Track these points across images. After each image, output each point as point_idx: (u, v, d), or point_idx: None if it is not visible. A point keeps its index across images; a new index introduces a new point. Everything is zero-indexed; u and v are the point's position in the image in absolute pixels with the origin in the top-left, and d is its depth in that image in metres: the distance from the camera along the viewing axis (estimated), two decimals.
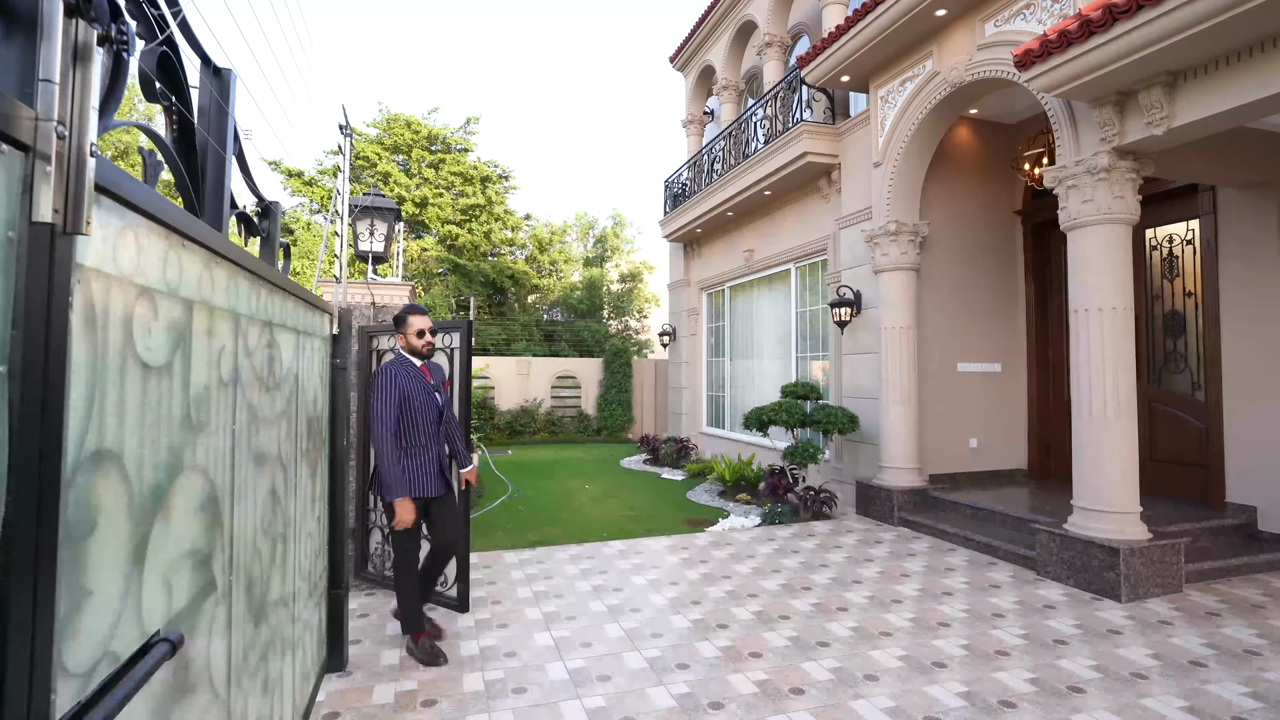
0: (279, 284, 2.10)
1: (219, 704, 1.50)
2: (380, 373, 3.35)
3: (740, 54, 11.06)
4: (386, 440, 3.25)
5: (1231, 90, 3.80)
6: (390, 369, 3.37)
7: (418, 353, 3.49)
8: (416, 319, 3.48)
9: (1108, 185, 4.51)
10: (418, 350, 3.49)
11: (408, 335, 3.47)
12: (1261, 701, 2.95)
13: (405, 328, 3.48)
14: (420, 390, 3.42)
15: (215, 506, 1.48)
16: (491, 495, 8.08)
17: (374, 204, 4.91)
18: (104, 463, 0.96)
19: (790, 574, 4.88)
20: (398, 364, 3.42)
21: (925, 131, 6.47)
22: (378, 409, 3.27)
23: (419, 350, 3.49)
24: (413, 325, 3.46)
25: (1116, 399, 4.49)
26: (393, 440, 3.28)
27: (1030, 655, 3.45)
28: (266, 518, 1.97)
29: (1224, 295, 5.47)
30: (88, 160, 0.82)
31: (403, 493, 3.26)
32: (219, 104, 1.47)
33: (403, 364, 3.43)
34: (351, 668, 3.30)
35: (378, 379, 3.33)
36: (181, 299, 1.27)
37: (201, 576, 1.38)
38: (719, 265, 11.13)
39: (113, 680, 0.95)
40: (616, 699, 3.00)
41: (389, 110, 19.89)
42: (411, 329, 3.46)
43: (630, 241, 24.04)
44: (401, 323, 3.49)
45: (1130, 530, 4.42)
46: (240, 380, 1.69)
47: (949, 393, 7.04)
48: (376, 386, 3.31)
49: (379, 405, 3.27)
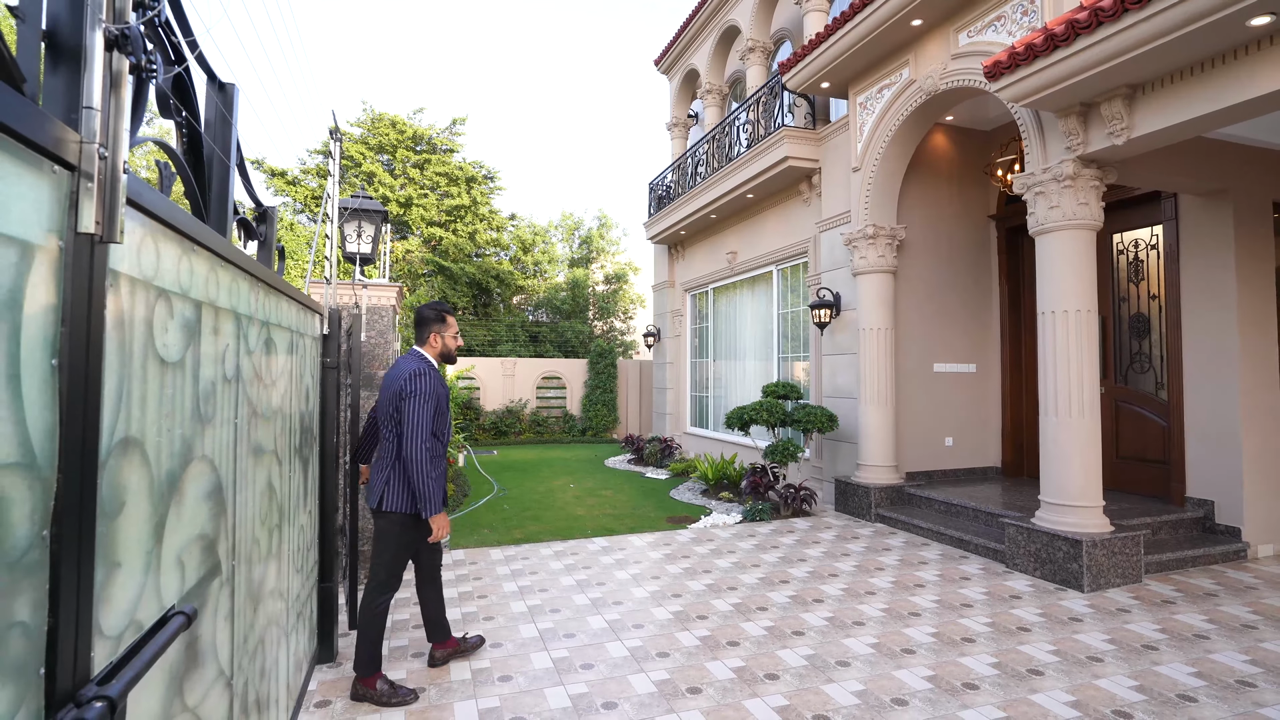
0: (275, 285, 2.19)
1: (223, 681, 1.59)
2: (421, 374, 2.99)
3: (724, 58, 11.22)
4: (422, 452, 2.92)
5: (1186, 103, 4.00)
6: (428, 376, 3.01)
7: (449, 357, 3.26)
8: (453, 320, 3.24)
9: (1073, 192, 4.70)
10: (450, 354, 3.25)
11: (444, 337, 3.20)
12: (1206, 680, 3.13)
13: (443, 328, 3.20)
14: (446, 397, 3.15)
15: (220, 495, 1.58)
16: (477, 494, 8.15)
17: (361, 206, 4.98)
18: (130, 449, 1.06)
19: (769, 568, 5.02)
20: (431, 370, 3.07)
21: (902, 137, 6.65)
22: (414, 419, 2.92)
23: (452, 354, 3.26)
24: (450, 327, 3.22)
25: (1081, 397, 4.68)
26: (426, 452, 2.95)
27: (994, 642, 3.61)
28: (264, 509, 2.06)
29: (1185, 298, 5.69)
30: (121, 177, 0.93)
31: (442, 506, 3.00)
32: (223, 115, 1.57)
33: (434, 370, 3.10)
34: (341, 659, 3.38)
35: (415, 384, 2.96)
36: (192, 300, 1.37)
37: (209, 559, 1.48)
38: (702, 267, 11.28)
39: (139, 645, 1.05)
40: (599, 685, 3.11)
41: (373, 110, 19.82)
42: (449, 330, 3.22)
43: (615, 243, 24.15)
44: (438, 322, 3.19)
45: (1093, 523, 4.61)
46: (241, 376, 1.79)
47: (925, 392, 7.23)
48: (414, 393, 2.95)
49: (416, 414, 2.93)
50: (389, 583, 3.04)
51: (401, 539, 3.04)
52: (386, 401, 3.05)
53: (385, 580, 3.03)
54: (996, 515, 5.63)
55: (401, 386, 2.97)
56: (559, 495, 8.16)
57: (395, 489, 3.00)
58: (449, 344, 3.23)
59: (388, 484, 3.02)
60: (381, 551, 3.04)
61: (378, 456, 3.14)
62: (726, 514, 6.88)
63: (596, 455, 12.22)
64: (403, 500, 3.00)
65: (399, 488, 3.00)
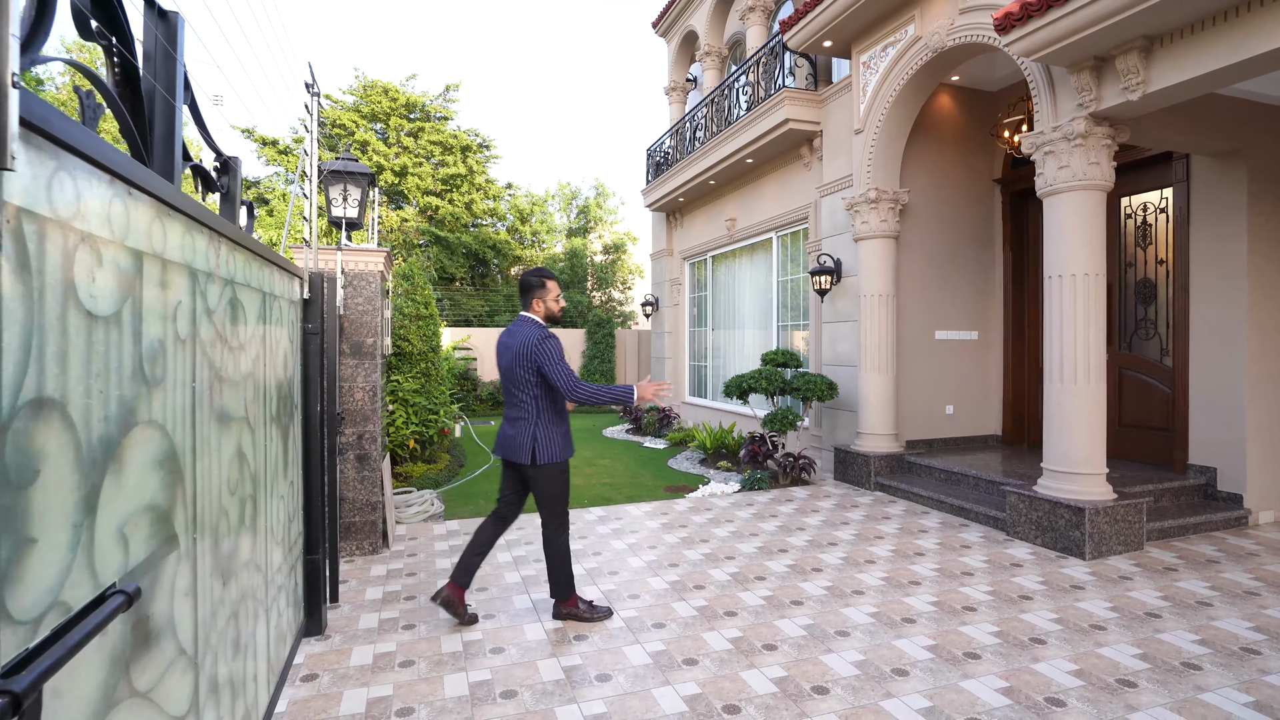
0: (241, 242, 2.05)
1: (185, 660, 1.50)
2: (549, 337, 3.32)
3: (723, 19, 10.86)
4: (578, 390, 3.26)
5: (1205, 55, 3.81)
6: (554, 338, 3.35)
7: (554, 318, 3.51)
8: (554, 284, 3.50)
9: (1084, 151, 4.52)
10: (555, 315, 3.51)
11: (546, 300, 3.46)
12: (1210, 648, 3.08)
13: (544, 293, 3.45)
14: None
15: (175, 463, 1.46)
16: (473, 464, 8.09)
17: (346, 168, 4.79)
18: (45, 411, 0.94)
19: (767, 537, 4.96)
20: (551, 333, 3.39)
21: (907, 98, 6.42)
22: (560, 374, 3.26)
23: (556, 315, 3.52)
24: (551, 291, 3.47)
25: (1087, 364, 4.57)
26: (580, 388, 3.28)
27: (996, 610, 3.55)
28: (233, 478, 1.96)
29: (1194, 263, 5.55)
30: (9, 91, 0.79)
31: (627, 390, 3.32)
32: (166, 49, 1.42)
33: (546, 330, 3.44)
34: (330, 631, 3.32)
35: (550, 345, 3.29)
36: (129, 249, 1.24)
37: (162, 531, 1.37)
38: (701, 234, 11.08)
39: (64, 629, 0.95)
40: (594, 657, 3.05)
41: (366, 77, 19.34)
42: (551, 294, 3.47)
43: (613, 212, 23.82)
44: (540, 288, 3.45)
45: (1096, 491, 4.53)
46: (200, 337, 1.66)
47: (926, 360, 7.11)
48: (552, 352, 3.28)
49: (561, 370, 3.26)
50: (564, 517, 3.45)
51: (561, 481, 3.41)
52: (513, 365, 3.33)
53: (562, 517, 3.43)
54: (998, 483, 5.56)
55: (534, 351, 3.27)
56: None
57: (543, 443, 3.32)
58: (551, 307, 3.47)
59: (535, 440, 3.31)
60: (547, 498, 3.40)
61: (512, 418, 3.39)
62: (725, 483, 6.82)
63: (594, 425, 12.16)
64: (553, 451, 3.33)
65: (546, 440, 3.32)
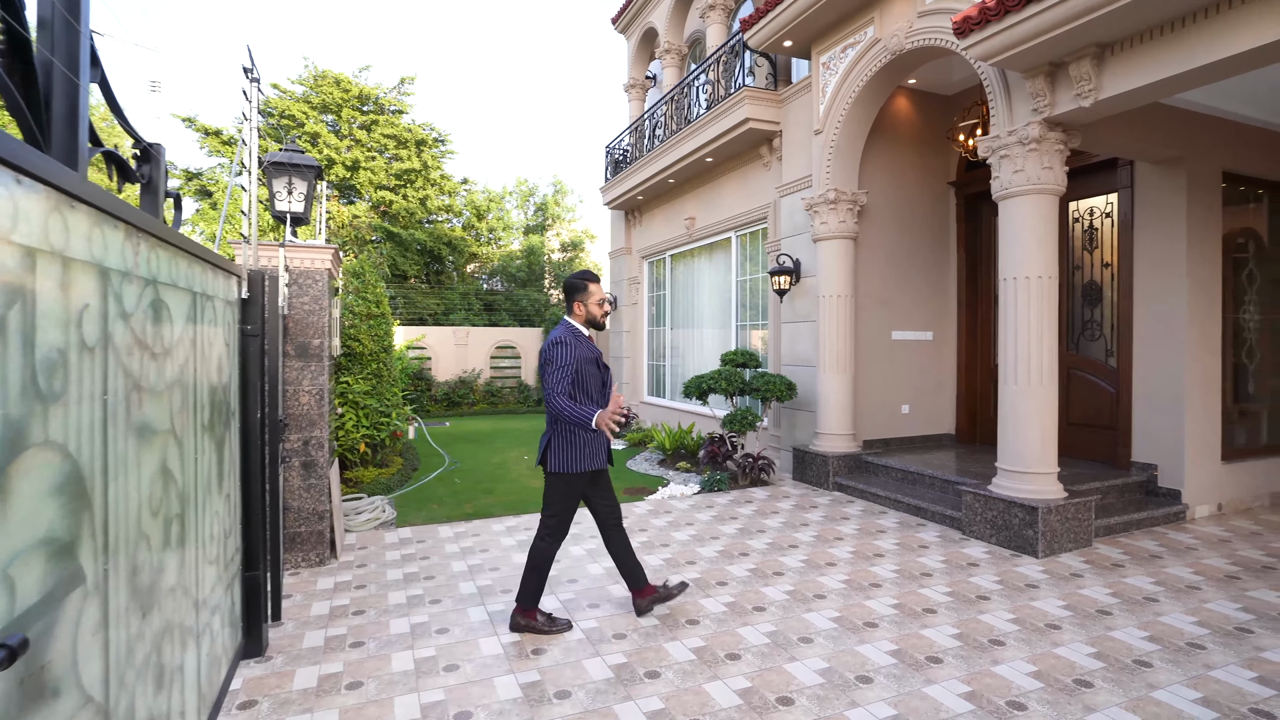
0: (166, 238, 1.87)
1: (93, 707, 1.34)
2: (560, 344, 3.22)
3: (683, 16, 10.81)
4: (563, 404, 3.14)
5: (1153, 64, 3.91)
6: (571, 342, 3.24)
7: (596, 323, 3.40)
8: (597, 288, 3.36)
9: (1038, 156, 4.61)
10: (596, 320, 3.39)
11: (588, 305, 3.35)
12: (1158, 644, 3.15)
13: (585, 296, 3.34)
14: (591, 361, 3.32)
15: (80, 487, 1.30)
16: (427, 468, 7.85)
17: (290, 160, 4.53)
18: None
19: (728, 540, 4.92)
20: (574, 336, 3.28)
21: (865, 99, 6.47)
22: (552, 382, 3.18)
23: (598, 320, 3.40)
24: (594, 295, 3.35)
25: (1040, 365, 4.66)
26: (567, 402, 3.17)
27: (955, 612, 3.58)
28: (156, 497, 1.78)
29: (1138, 266, 5.73)
30: None
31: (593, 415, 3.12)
32: (65, 18, 1.25)
33: (578, 335, 3.30)
34: (272, 652, 3.13)
35: (557, 351, 3.20)
36: (18, 245, 1.08)
37: (61, 567, 1.21)
38: (660, 233, 11.01)
39: None
40: (552, 671, 2.94)
41: (316, 67, 18.62)
42: (593, 299, 3.35)
43: (571, 210, 23.58)
44: (581, 290, 3.35)
45: (1049, 490, 4.63)
46: (113, 344, 1.49)
47: (884, 360, 7.20)
48: (556, 359, 3.19)
49: (555, 378, 3.18)
50: (558, 530, 3.34)
51: (566, 494, 3.31)
52: (540, 368, 3.32)
53: (555, 528, 3.33)
54: (953, 483, 5.65)
55: (545, 353, 3.24)
56: (513, 468, 7.93)
57: (556, 450, 3.27)
58: (593, 310, 3.37)
59: (550, 446, 3.28)
60: (548, 504, 3.34)
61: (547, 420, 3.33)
62: (684, 484, 6.77)
63: None
64: (563, 461, 3.26)
65: (559, 449, 3.26)
